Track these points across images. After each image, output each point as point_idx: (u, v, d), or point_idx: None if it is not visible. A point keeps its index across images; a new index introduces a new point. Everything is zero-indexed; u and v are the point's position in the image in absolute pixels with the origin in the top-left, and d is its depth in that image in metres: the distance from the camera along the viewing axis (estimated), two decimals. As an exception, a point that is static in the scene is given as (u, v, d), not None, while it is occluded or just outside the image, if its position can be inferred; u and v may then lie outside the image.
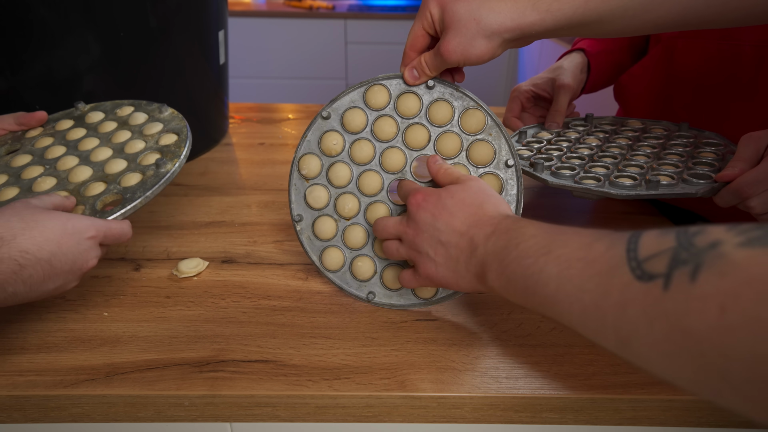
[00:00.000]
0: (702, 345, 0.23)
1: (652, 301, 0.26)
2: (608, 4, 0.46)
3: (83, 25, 0.73)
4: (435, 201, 0.46)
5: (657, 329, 0.26)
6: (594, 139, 0.74)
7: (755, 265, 0.22)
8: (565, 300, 0.33)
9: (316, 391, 0.46)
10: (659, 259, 0.26)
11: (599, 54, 0.86)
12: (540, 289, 0.35)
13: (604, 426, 0.48)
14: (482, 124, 0.54)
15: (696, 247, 0.25)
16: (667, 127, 0.76)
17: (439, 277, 0.46)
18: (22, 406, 0.46)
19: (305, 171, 0.56)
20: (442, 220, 0.45)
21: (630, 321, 0.28)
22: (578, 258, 0.32)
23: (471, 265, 0.43)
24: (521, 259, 0.37)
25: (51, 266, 0.44)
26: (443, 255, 0.45)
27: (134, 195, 0.53)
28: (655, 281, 0.26)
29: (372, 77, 0.55)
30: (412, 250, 0.48)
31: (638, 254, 0.28)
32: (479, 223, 0.43)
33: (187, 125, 0.62)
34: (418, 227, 0.47)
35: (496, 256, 0.40)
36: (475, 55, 0.48)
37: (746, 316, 0.21)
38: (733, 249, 0.23)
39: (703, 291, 0.23)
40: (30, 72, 0.74)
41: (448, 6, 0.48)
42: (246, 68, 2.84)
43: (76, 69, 0.76)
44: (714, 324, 0.23)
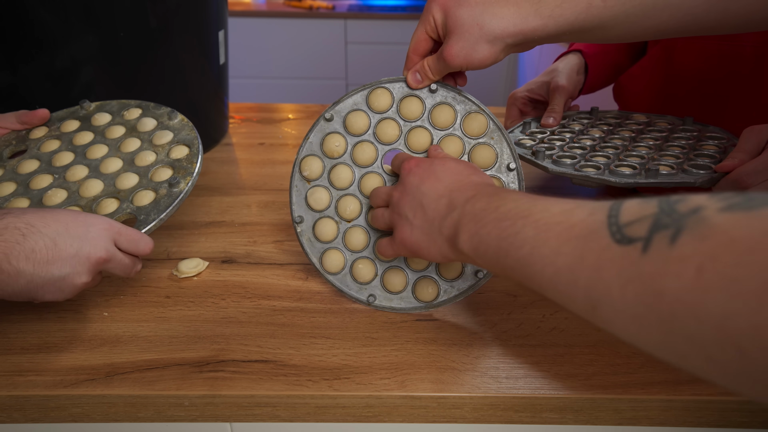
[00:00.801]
0: (674, 306, 0.24)
1: (629, 264, 0.26)
2: (610, 10, 0.46)
3: (83, 25, 0.73)
4: (426, 166, 0.47)
5: (629, 291, 0.26)
6: (597, 131, 0.74)
7: (735, 228, 0.22)
8: (539, 262, 0.32)
9: (316, 391, 0.46)
10: (640, 224, 0.26)
11: (596, 55, 0.86)
12: (513, 252, 0.34)
13: (604, 426, 0.48)
14: (484, 127, 0.54)
15: (678, 212, 0.25)
16: (671, 122, 0.76)
17: (413, 241, 0.45)
18: (22, 406, 0.46)
19: (307, 172, 0.56)
20: (428, 183, 0.45)
21: (603, 283, 0.27)
22: (557, 222, 0.32)
23: (444, 226, 0.42)
24: (498, 221, 0.36)
25: (55, 244, 0.44)
26: (421, 217, 0.45)
27: (148, 217, 0.53)
28: (634, 244, 0.26)
29: (375, 80, 0.55)
30: (394, 214, 0.48)
31: (619, 219, 0.28)
32: (462, 187, 0.43)
33: (198, 136, 0.62)
34: (405, 190, 0.47)
35: (473, 217, 0.39)
36: (478, 60, 0.49)
37: (722, 276, 0.22)
38: (715, 213, 0.23)
39: (682, 253, 0.24)
40: (30, 72, 0.74)
41: (451, 11, 0.48)
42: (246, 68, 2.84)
43: (76, 69, 0.76)
44: (689, 285, 0.23)
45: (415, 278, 0.56)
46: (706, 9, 0.46)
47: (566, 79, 0.80)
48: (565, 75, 0.81)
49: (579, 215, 0.31)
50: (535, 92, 0.82)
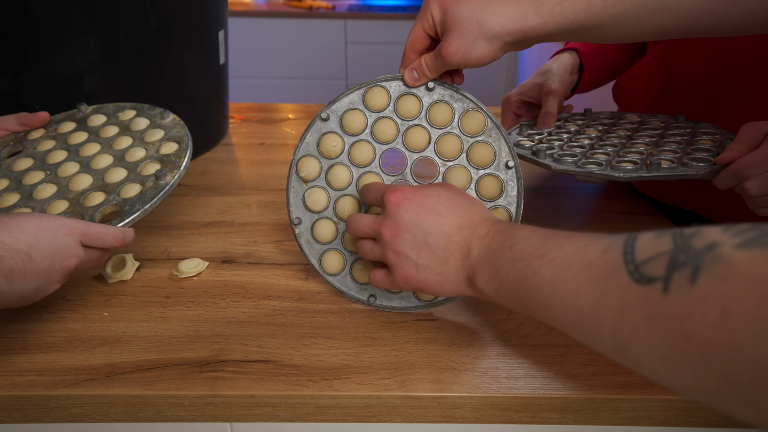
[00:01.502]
0: (703, 348, 0.23)
1: (652, 305, 0.26)
2: (610, 9, 0.46)
3: (83, 26, 0.73)
4: (419, 199, 0.44)
5: (656, 333, 0.26)
6: (593, 130, 0.75)
7: (754, 267, 0.22)
8: (560, 304, 0.32)
9: (316, 391, 0.46)
10: (657, 262, 0.26)
11: (592, 54, 0.85)
12: (533, 293, 0.34)
13: (604, 426, 0.48)
14: (482, 125, 0.54)
15: (694, 249, 0.25)
16: (663, 120, 0.77)
17: (420, 280, 0.44)
18: (22, 406, 0.46)
19: (304, 173, 0.56)
20: (429, 219, 0.43)
21: (628, 325, 0.27)
22: (573, 261, 0.32)
23: (462, 268, 0.41)
24: (514, 261, 0.36)
25: (31, 259, 0.43)
26: (428, 257, 0.43)
27: (133, 207, 0.53)
28: (654, 284, 0.26)
29: (371, 79, 0.55)
30: (389, 251, 0.45)
31: (635, 257, 0.28)
32: (472, 224, 0.42)
33: (188, 134, 0.62)
34: (398, 227, 0.44)
35: (489, 258, 0.39)
36: (476, 58, 0.48)
37: (749, 318, 0.22)
38: (731, 250, 0.23)
39: (704, 294, 0.23)
40: (30, 72, 0.74)
41: (450, 8, 0.48)
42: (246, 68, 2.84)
43: (76, 69, 0.76)
44: (716, 326, 0.23)
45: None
46: (705, 11, 0.46)
47: (559, 81, 0.80)
48: (557, 77, 0.81)
49: (594, 252, 0.31)
50: (528, 95, 0.82)
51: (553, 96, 0.78)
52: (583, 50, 0.85)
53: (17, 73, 0.74)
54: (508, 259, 0.37)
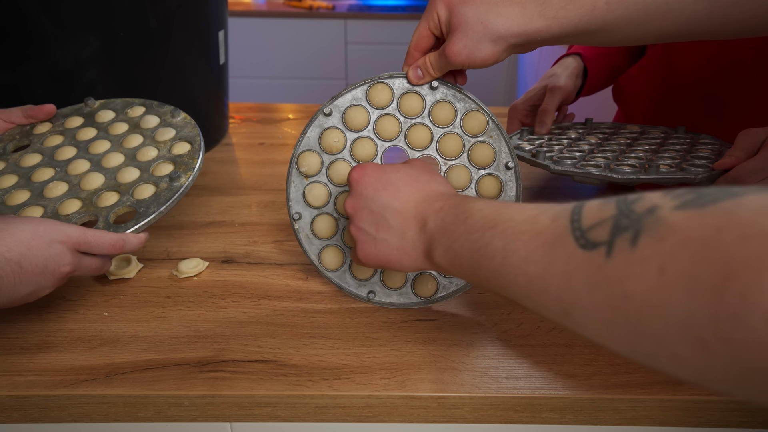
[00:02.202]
0: (640, 309, 0.24)
1: (595, 269, 0.27)
2: (613, 13, 0.46)
3: (83, 25, 0.73)
4: (378, 175, 0.45)
5: (598, 296, 0.26)
6: (594, 137, 0.75)
7: (690, 226, 0.23)
8: (510, 272, 0.33)
9: (316, 391, 0.46)
10: (602, 228, 0.27)
11: (595, 58, 0.86)
12: (486, 263, 0.35)
13: (604, 426, 0.48)
14: (483, 126, 0.54)
15: (636, 213, 0.26)
16: (664, 131, 0.77)
17: (380, 255, 0.44)
18: (22, 406, 0.46)
19: (305, 168, 0.56)
20: (386, 194, 0.43)
21: (573, 290, 0.28)
22: (523, 231, 0.32)
23: (419, 241, 0.42)
24: (468, 234, 0.37)
25: (21, 268, 0.43)
26: (386, 232, 0.43)
27: (148, 210, 0.53)
28: (598, 249, 0.27)
29: (375, 75, 0.55)
30: (352, 227, 0.45)
31: (582, 224, 0.28)
32: (428, 199, 0.42)
33: (200, 134, 0.62)
34: (358, 203, 0.45)
35: (444, 231, 0.39)
36: (480, 59, 0.48)
37: (683, 274, 0.22)
38: (669, 213, 0.24)
39: (643, 255, 0.24)
40: (30, 72, 0.74)
41: (456, 8, 0.48)
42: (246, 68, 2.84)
43: (76, 69, 0.76)
44: (653, 286, 0.23)
45: (414, 274, 0.56)
46: (707, 14, 0.46)
47: (564, 80, 0.81)
48: (564, 77, 0.81)
49: (543, 221, 0.32)
50: (534, 99, 0.82)
51: (556, 93, 0.79)
52: (587, 54, 0.85)
53: (17, 74, 0.74)
54: (463, 232, 0.37)
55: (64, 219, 0.53)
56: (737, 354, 0.21)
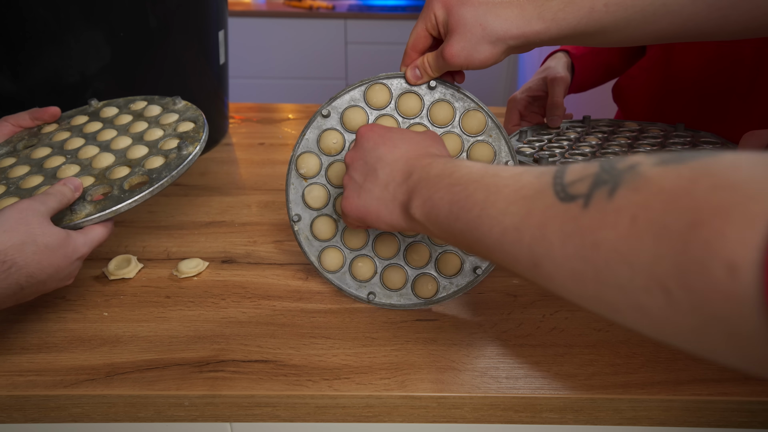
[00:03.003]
0: (608, 256, 0.25)
1: (570, 219, 0.27)
2: (612, 15, 0.46)
3: (83, 26, 0.73)
4: (383, 132, 0.46)
5: (569, 245, 0.27)
6: (594, 138, 0.75)
7: (665, 178, 0.23)
8: (486, 223, 0.33)
9: (316, 391, 0.46)
10: (582, 182, 0.27)
11: (584, 56, 0.86)
12: (463, 215, 0.35)
13: (604, 426, 0.48)
14: (483, 125, 0.54)
15: (617, 169, 0.26)
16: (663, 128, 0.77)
17: (360, 205, 0.44)
18: (22, 406, 0.46)
19: (304, 170, 0.56)
20: (384, 148, 0.44)
21: (546, 240, 0.28)
22: (506, 185, 0.33)
23: (399, 192, 0.41)
24: (451, 186, 0.37)
25: (44, 285, 0.46)
26: (372, 182, 0.43)
27: (160, 175, 0.53)
28: (576, 201, 0.27)
29: (373, 76, 0.55)
30: (346, 176, 0.46)
31: (564, 179, 0.29)
32: (420, 156, 0.43)
33: (203, 114, 0.63)
34: (357, 154, 0.45)
35: (427, 183, 0.39)
36: (479, 60, 0.48)
37: (653, 223, 0.23)
38: (649, 168, 0.25)
39: (618, 205, 0.25)
40: (31, 72, 0.74)
41: (454, 9, 0.48)
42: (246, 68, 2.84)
43: (76, 69, 0.76)
44: (623, 234, 0.24)
45: (415, 275, 0.56)
46: (705, 16, 0.46)
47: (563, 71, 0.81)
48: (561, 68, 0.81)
49: (527, 178, 0.32)
50: (534, 90, 0.82)
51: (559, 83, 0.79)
52: (574, 52, 0.85)
53: (17, 73, 0.74)
54: (446, 184, 0.37)
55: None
56: (697, 302, 0.21)
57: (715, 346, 0.22)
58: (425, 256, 0.55)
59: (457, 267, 0.55)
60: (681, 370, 0.48)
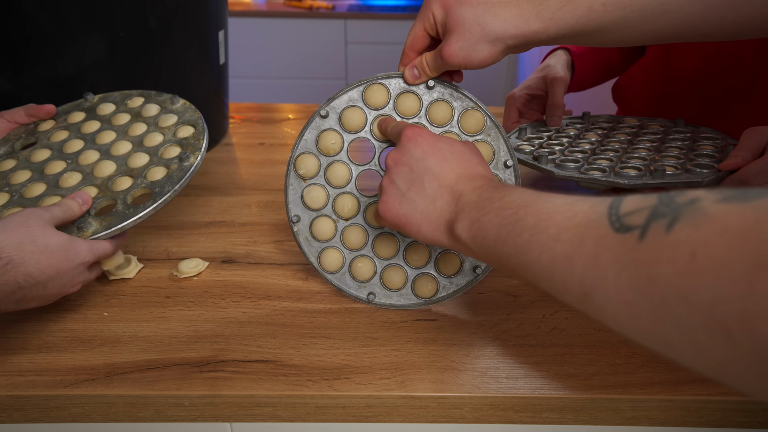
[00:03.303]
0: (666, 292, 0.24)
1: (625, 251, 0.26)
2: (610, 14, 0.46)
3: (83, 26, 0.73)
4: (432, 141, 0.45)
5: (624, 277, 0.26)
6: (593, 134, 0.75)
7: (729, 217, 0.23)
8: (536, 249, 0.32)
9: (316, 391, 0.46)
10: (639, 214, 0.27)
11: (584, 54, 0.86)
12: (512, 239, 0.35)
13: (604, 426, 0.48)
14: (481, 124, 0.54)
15: (676, 203, 0.26)
16: (663, 124, 0.77)
17: (401, 213, 0.44)
18: (22, 406, 0.46)
19: (302, 171, 0.56)
20: (433, 159, 0.44)
21: (599, 270, 0.28)
22: (558, 212, 0.32)
23: (447, 211, 0.42)
24: (501, 209, 0.37)
25: (45, 288, 0.46)
26: (417, 193, 0.43)
27: (163, 189, 0.54)
28: (631, 232, 0.27)
29: (371, 76, 0.55)
30: (385, 178, 0.46)
31: (619, 210, 0.28)
32: (471, 176, 0.43)
33: (202, 117, 0.63)
34: (402, 158, 0.45)
35: (476, 205, 0.39)
36: (477, 60, 0.48)
37: (714, 261, 0.22)
38: (711, 204, 0.24)
39: (677, 239, 0.24)
40: (31, 72, 0.74)
41: (453, 9, 0.48)
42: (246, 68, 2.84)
43: (76, 69, 0.76)
44: (682, 271, 0.23)
45: (415, 275, 0.56)
46: (703, 16, 0.46)
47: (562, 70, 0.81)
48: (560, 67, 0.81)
49: (581, 207, 0.32)
50: (533, 88, 0.82)
51: (559, 83, 0.79)
52: (574, 50, 0.85)
53: (18, 74, 0.74)
54: (496, 208, 0.37)
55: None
56: (762, 346, 0.21)
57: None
58: (425, 256, 0.55)
59: (456, 266, 0.55)
60: (681, 370, 0.48)
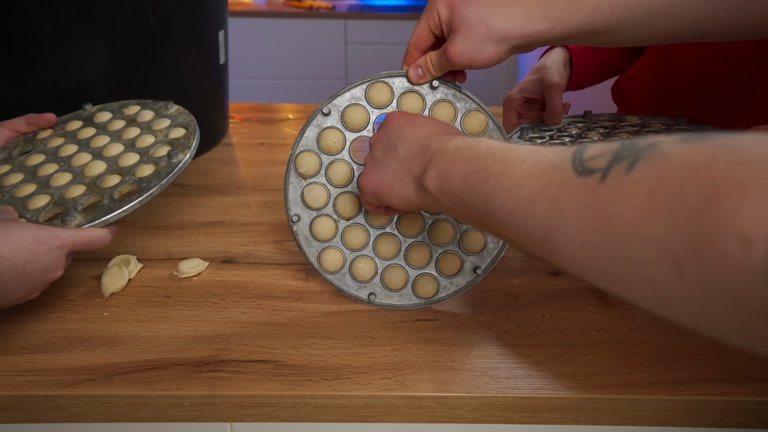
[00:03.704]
0: (622, 228, 0.25)
1: (586, 192, 0.27)
2: (616, 15, 0.46)
3: (83, 26, 0.73)
4: (409, 117, 0.47)
5: (583, 218, 0.27)
6: (595, 134, 0.74)
7: (686, 154, 0.24)
8: (500, 195, 0.33)
9: (316, 391, 0.46)
10: (601, 158, 0.28)
11: (582, 51, 0.85)
12: (478, 187, 0.35)
13: (604, 426, 0.48)
14: (484, 126, 0.54)
15: (637, 146, 0.26)
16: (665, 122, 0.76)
17: (375, 180, 0.45)
18: (22, 406, 0.46)
19: (303, 169, 0.56)
20: (407, 128, 0.45)
21: (559, 212, 0.29)
22: (524, 159, 0.33)
23: (415, 165, 0.42)
24: (469, 159, 0.37)
25: (24, 272, 0.45)
26: (391, 158, 0.45)
27: (150, 184, 0.54)
28: (593, 175, 0.27)
29: (375, 74, 0.54)
30: (368, 155, 0.48)
31: (583, 155, 0.29)
32: (441, 133, 0.43)
33: (194, 120, 0.63)
34: (381, 135, 0.47)
35: (444, 155, 0.40)
36: (482, 60, 0.48)
37: (669, 196, 0.23)
38: (670, 145, 0.25)
39: (635, 178, 0.25)
40: (31, 72, 0.74)
41: (458, 8, 0.48)
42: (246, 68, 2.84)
43: (76, 69, 0.76)
44: (639, 207, 0.24)
45: (415, 275, 0.56)
46: (710, 16, 0.46)
47: (557, 74, 0.81)
48: (555, 71, 0.81)
49: (547, 154, 0.32)
50: (529, 91, 0.82)
51: (555, 90, 0.78)
52: (573, 47, 0.85)
53: (17, 74, 0.74)
54: (464, 157, 0.38)
55: (70, 202, 0.54)
56: (707, 275, 0.21)
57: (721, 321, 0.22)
58: (426, 257, 0.55)
59: (457, 267, 0.55)
60: (681, 370, 0.48)
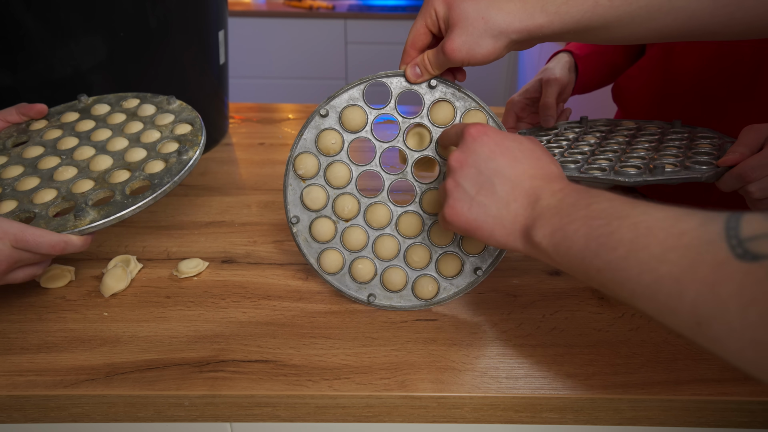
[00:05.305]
0: None
1: (753, 283, 0.25)
2: (616, 10, 0.46)
3: (83, 26, 0.73)
4: (499, 139, 0.43)
5: (752, 313, 0.24)
6: (592, 137, 0.75)
7: None
8: (636, 267, 0.30)
9: (316, 391, 0.46)
10: (767, 240, 0.25)
11: (588, 56, 0.85)
12: (604, 253, 0.32)
13: (604, 426, 0.48)
14: None
15: None
16: (660, 126, 0.77)
17: (470, 219, 0.41)
18: (22, 406, 0.46)
19: (302, 171, 0.56)
20: (503, 160, 0.41)
21: (717, 300, 0.26)
22: (661, 228, 0.30)
23: (523, 216, 0.39)
24: (590, 219, 0.34)
25: None
26: (487, 196, 0.41)
27: (162, 180, 0.53)
28: (760, 262, 0.25)
29: (372, 74, 0.54)
30: (449, 180, 0.43)
31: (740, 233, 0.26)
32: (546, 177, 0.40)
33: (199, 116, 0.63)
34: (467, 159, 0.43)
35: (559, 211, 0.37)
36: (481, 55, 0.48)
37: None
38: None
39: None
40: (30, 72, 0.74)
41: (455, 4, 0.47)
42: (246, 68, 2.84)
43: (76, 69, 0.76)
44: None
45: (415, 276, 0.56)
46: (710, 13, 0.46)
47: (559, 72, 0.81)
48: (558, 69, 0.81)
49: (689, 223, 0.29)
50: (531, 92, 0.82)
51: (553, 84, 0.78)
52: (578, 53, 0.85)
53: (17, 73, 0.74)
54: (583, 216, 0.35)
55: (80, 197, 0.53)
56: None
57: None
58: (425, 258, 0.55)
59: (457, 268, 0.55)
60: (681, 370, 0.48)
